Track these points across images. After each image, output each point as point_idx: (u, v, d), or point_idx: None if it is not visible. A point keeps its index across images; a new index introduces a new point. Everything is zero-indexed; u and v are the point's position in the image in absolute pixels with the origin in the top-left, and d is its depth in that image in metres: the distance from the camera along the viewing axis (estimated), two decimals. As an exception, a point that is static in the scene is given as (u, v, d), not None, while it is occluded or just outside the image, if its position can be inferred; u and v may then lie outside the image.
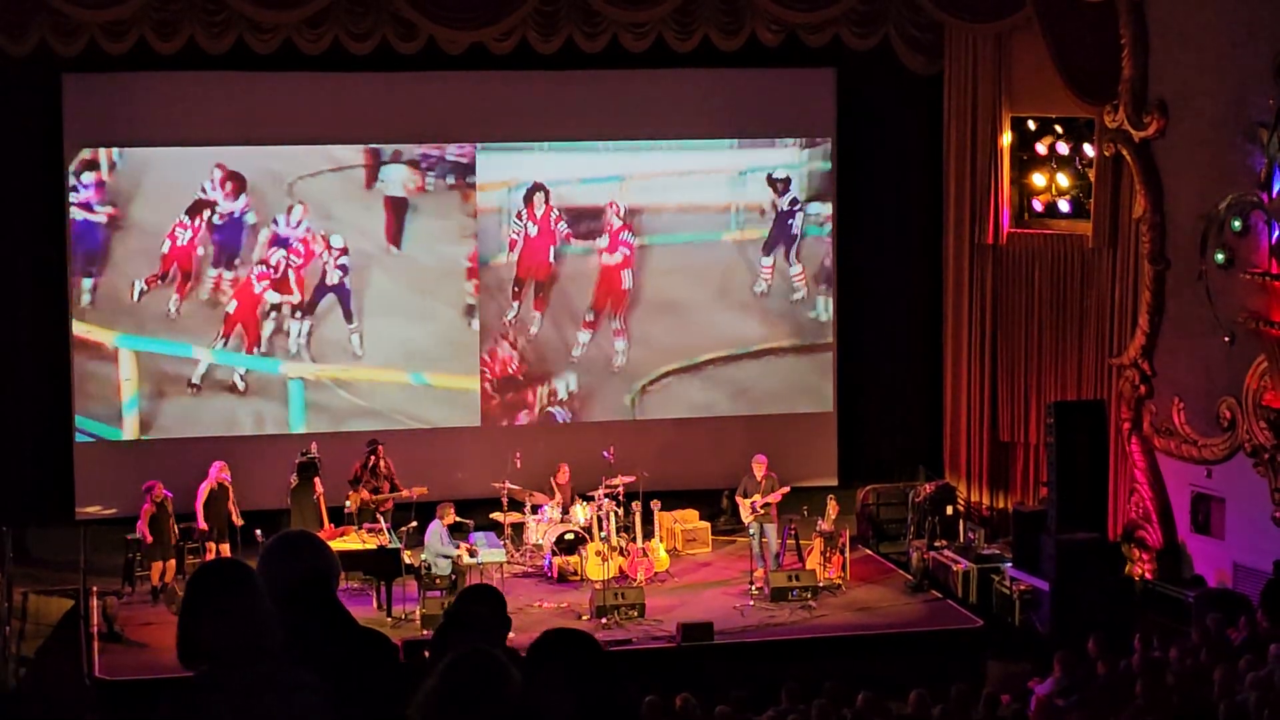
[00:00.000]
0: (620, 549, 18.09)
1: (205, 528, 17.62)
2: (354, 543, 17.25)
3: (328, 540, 9.12)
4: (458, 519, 17.85)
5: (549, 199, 20.47)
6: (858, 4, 19.87)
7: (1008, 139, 20.09)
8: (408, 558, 17.32)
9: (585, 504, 18.53)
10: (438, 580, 17.04)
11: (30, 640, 16.76)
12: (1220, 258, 17.18)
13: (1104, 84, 18.44)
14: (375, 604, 16.98)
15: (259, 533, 16.92)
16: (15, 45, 18.40)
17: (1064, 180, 20.09)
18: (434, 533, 17.32)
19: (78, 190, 19.36)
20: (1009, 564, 17.84)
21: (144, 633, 16.49)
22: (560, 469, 19.00)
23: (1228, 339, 17.25)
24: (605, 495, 18.39)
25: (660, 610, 17.01)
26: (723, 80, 20.62)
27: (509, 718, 3.92)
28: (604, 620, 16.54)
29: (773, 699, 12.33)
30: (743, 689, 13.02)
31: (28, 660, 16.34)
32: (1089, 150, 19.58)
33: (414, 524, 17.92)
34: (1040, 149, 20.14)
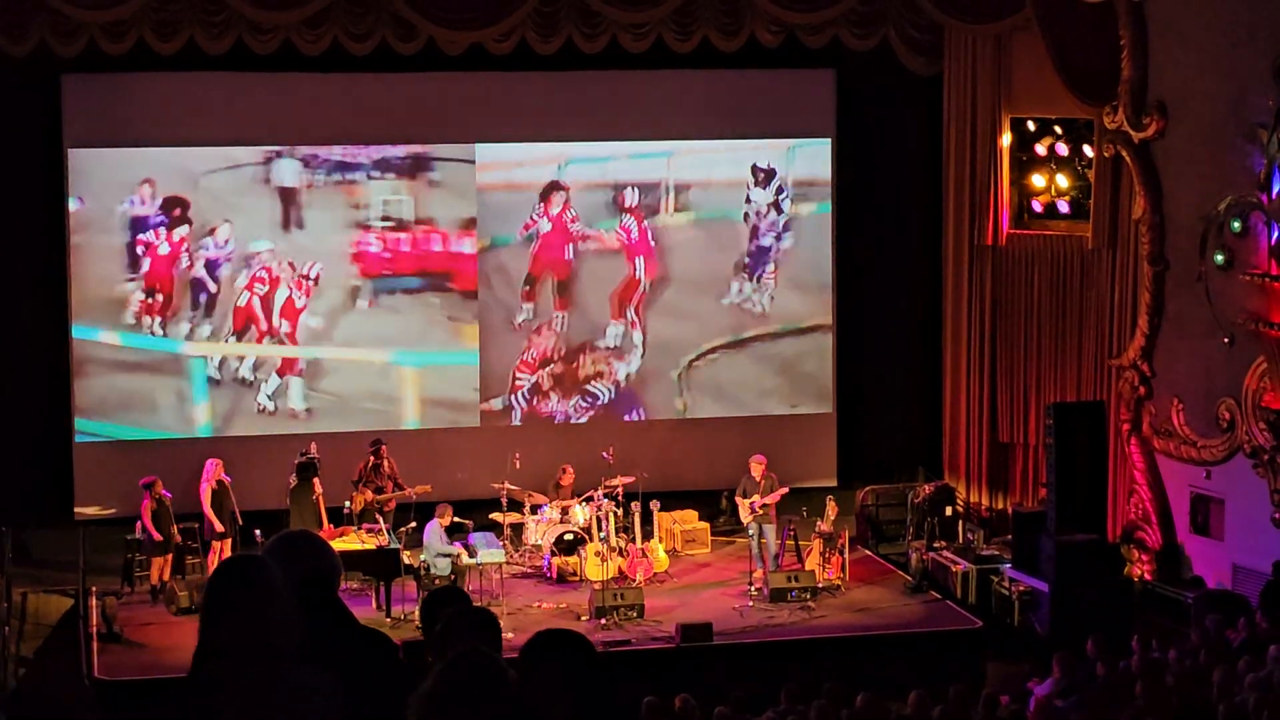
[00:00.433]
0: (619, 549, 18.08)
1: (221, 528, 17.59)
2: (353, 543, 17.25)
3: (327, 540, 9.11)
4: (456, 519, 17.86)
5: (567, 196, 20.50)
6: (857, 5, 19.87)
7: (1007, 140, 20.09)
8: (407, 558, 17.32)
9: (584, 504, 18.54)
10: (437, 580, 17.03)
11: (29, 640, 16.77)
12: (1220, 259, 17.18)
13: (1103, 85, 18.44)
14: (374, 604, 16.96)
15: (258, 533, 16.92)
16: (15, 46, 18.41)
17: (1063, 181, 20.09)
18: (433, 532, 17.33)
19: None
20: (1008, 565, 17.84)
21: (143, 633, 16.49)
22: (565, 470, 18.99)
23: (1227, 340, 17.25)
24: (604, 496, 18.39)
25: (659, 611, 17.00)
26: (722, 81, 20.61)
27: (506, 718, 3.92)
28: (603, 621, 16.52)
29: (772, 700, 12.31)
30: (742, 690, 13.01)
31: (27, 660, 16.35)
32: (1088, 151, 19.58)
33: (413, 524, 17.92)
34: (1040, 150, 20.14)
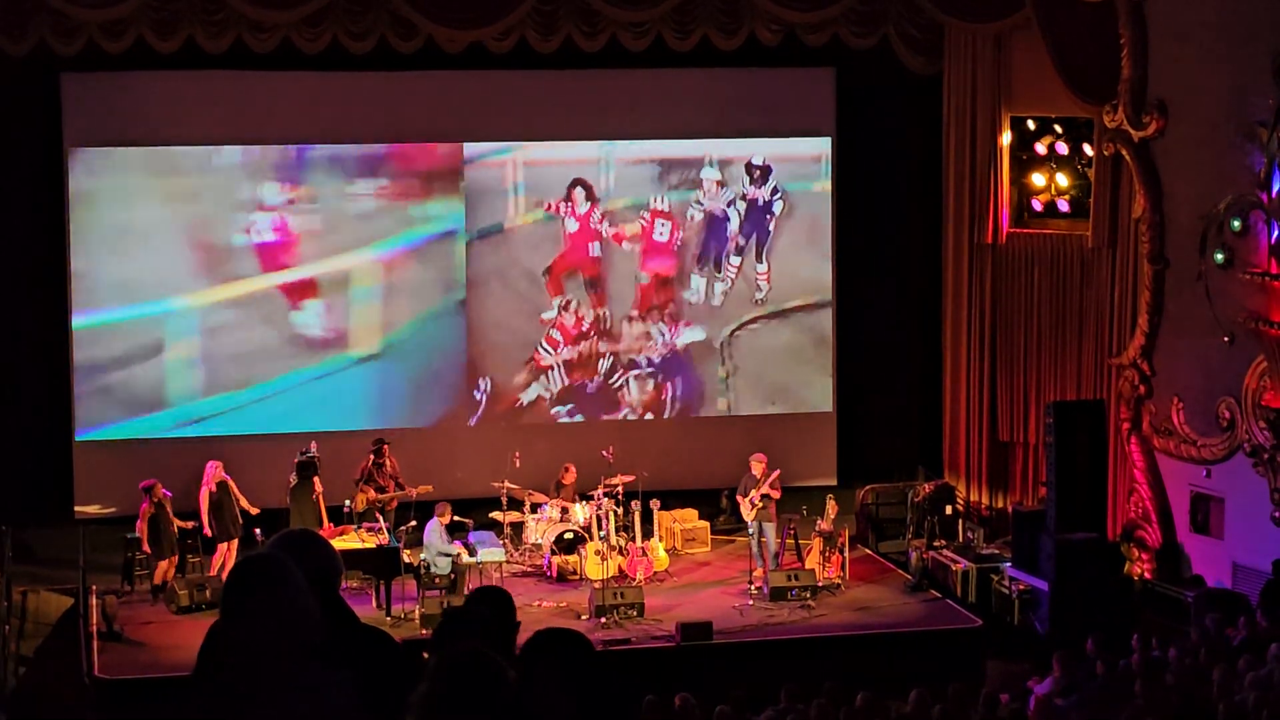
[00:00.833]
0: (619, 548, 18.08)
1: (210, 533, 17.59)
2: (353, 542, 17.24)
3: (327, 539, 9.11)
4: (455, 518, 17.86)
5: (591, 194, 20.50)
6: (857, 4, 19.86)
7: (1007, 139, 20.09)
8: (407, 557, 17.32)
9: (584, 503, 18.54)
10: (437, 579, 17.03)
11: (30, 639, 16.75)
12: (1220, 258, 17.17)
13: (1103, 84, 18.43)
14: (374, 603, 16.95)
15: (259, 532, 16.92)
16: (14, 45, 18.41)
17: (1063, 180, 20.09)
18: (433, 531, 17.32)
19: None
20: (1008, 564, 17.85)
21: (143, 632, 16.49)
22: (567, 469, 18.99)
23: (1227, 339, 17.25)
24: (604, 494, 18.39)
25: (659, 610, 16.99)
26: (722, 80, 20.61)
27: (505, 718, 3.91)
28: (603, 620, 16.52)
29: (772, 699, 12.31)
30: (742, 689, 13.01)
31: (27, 659, 16.35)
32: (1088, 150, 19.58)
33: (413, 523, 17.92)
34: (1040, 149, 20.14)
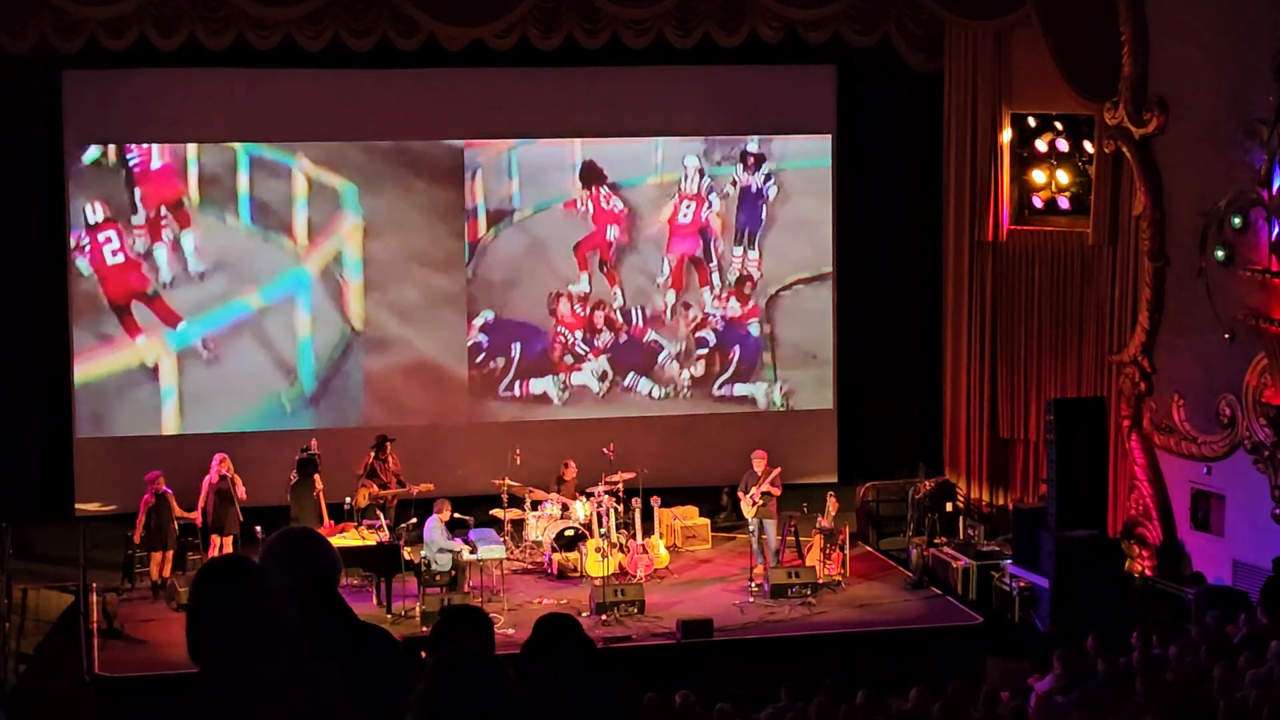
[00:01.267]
0: (620, 545, 18.09)
1: (200, 523, 17.64)
2: (354, 539, 17.25)
3: (327, 536, 9.12)
4: (455, 515, 17.85)
5: (605, 178, 20.56)
6: (858, 1, 19.86)
7: (1008, 136, 20.08)
8: (408, 554, 17.32)
9: (585, 500, 18.54)
10: (438, 577, 17.04)
11: (30, 637, 16.77)
12: (1220, 255, 17.16)
13: (1104, 81, 18.42)
14: (375, 600, 16.98)
15: (259, 529, 16.92)
16: (15, 42, 18.40)
17: (1064, 177, 20.09)
18: (433, 528, 17.32)
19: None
20: (1009, 561, 17.84)
21: (144, 629, 16.50)
22: (567, 465, 19.00)
23: (1228, 336, 17.24)
24: (605, 492, 18.39)
25: (660, 607, 17.01)
26: (723, 77, 20.61)
27: (504, 718, 3.92)
28: (604, 617, 16.53)
29: (772, 696, 12.32)
30: (742, 686, 13.02)
31: (27, 657, 16.36)
32: (1089, 147, 19.58)
33: (413, 520, 17.92)
34: (1040, 146, 20.13)
